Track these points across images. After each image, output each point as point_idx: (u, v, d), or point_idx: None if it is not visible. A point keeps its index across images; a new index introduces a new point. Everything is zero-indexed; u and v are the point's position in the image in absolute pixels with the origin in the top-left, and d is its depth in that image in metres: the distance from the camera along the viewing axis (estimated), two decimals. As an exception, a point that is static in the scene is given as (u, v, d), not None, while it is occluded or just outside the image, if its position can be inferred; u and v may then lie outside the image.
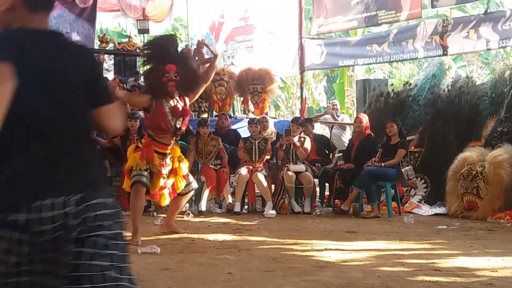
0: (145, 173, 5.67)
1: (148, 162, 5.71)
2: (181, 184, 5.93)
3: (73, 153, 1.86)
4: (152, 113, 5.77)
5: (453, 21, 9.81)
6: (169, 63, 5.68)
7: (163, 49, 5.81)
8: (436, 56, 10.11)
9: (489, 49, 10.08)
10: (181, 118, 5.82)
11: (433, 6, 10.11)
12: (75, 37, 13.81)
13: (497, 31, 9.08)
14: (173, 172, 5.87)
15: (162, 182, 5.78)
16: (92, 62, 2.06)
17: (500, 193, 7.42)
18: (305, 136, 8.68)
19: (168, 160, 5.82)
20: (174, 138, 5.84)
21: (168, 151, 5.82)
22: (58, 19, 13.69)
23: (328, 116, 10.94)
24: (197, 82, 5.95)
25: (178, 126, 5.78)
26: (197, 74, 6.08)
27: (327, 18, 11.35)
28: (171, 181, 5.87)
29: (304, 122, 9.04)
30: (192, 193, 6.44)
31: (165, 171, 5.80)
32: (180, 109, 5.78)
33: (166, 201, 5.96)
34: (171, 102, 5.76)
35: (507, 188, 7.40)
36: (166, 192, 5.87)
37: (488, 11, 10.13)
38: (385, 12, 10.40)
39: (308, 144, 8.54)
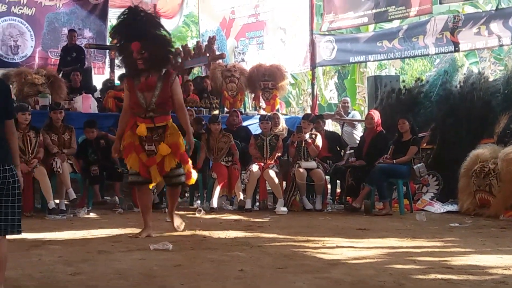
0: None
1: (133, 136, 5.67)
2: (170, 164, 5.69)
3: None
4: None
5: (464, 17, 9.75)
6: (134, 40, 5.47)
7: (126, 26, 5.62)
8: (448, 52, 10.07)
9: (501, 45, 10.02)
10: (155, 93, 5.59)
11: (440, 2, 10.04)
12: (87, 33, 13.89)
13: (508, 27, 9.02)
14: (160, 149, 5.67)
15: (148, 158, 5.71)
16: (4, 89, 3.38)
17: (513, 190, 7.36)
18: (316, 133, 8.66)
19: (156, 137, 5.66)
20: (150, 114, 5.60)
21: (153, 126, 5.64)
22: (71, 15, 13.78)
23: (356, 113, 10.95)
24: (167, 57, 5.71)
25: (153, 100, 5.57)
26: (166, 48, 5.71)
27: (337, 14, 11.33)
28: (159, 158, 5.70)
29: (315, 119, 9.02)
30: (179, 187, 6.18)
31: (150, 147, 5.69)
32: (150, 83, 5.57)
33: (158, 178, 5.82)
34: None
35: (520, 186, 7.34)
36: (155, 169, 5.73)
37: (500, 7, 10.05)
38: (395, 8, 10.37)
39: (319, 141, 8.52)
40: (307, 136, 8.44)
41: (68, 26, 13.28)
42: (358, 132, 11.13)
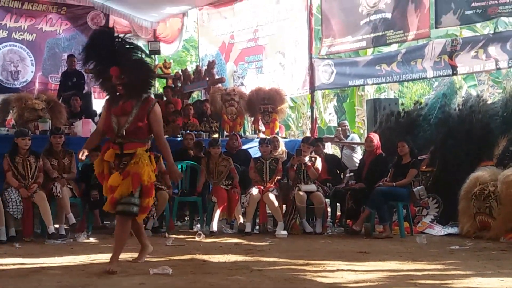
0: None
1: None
2: (121, 191, 5.13)
3: None
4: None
5: (462, 41, 9.81)
6: (112, 65, 5.13)
7: (102, 49, 5.25)
8: (446, 76, 10.11)
9: (498, 69, 10.06)
10: (129, 118, 5.19)
11: (436, 27, 10.12)
12: (87, 58, 13.95)
13: (506, 51, 9.07)
14: (123, 175, 5.17)
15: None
16: None
17: (513, 212, 7.35)
18: (316, 156, 8.68)
19: (122, 165, 5.22)
20: (119, 140, 5.21)
21: (120, 152, 5.21)
22: (71, 40, 13.89)
23: (355, 136, 10.98)
24: (147, 81, 5.35)
25: (125, 126, 5.16)
26: (146, 72, 5.38)
27: (336, 38, 11.42)
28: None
29: (315, 142, 9.05)
30: (129, 219, 5.30)
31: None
32: (125, 108, 5.21)
33: (107, 207, 5.34)
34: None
35: (520, 208, 7.33)
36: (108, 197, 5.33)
37: (497, 30, 10.12)
38: (393, 32, 10.45)
39: (319, 164, 8.53)
40: (306, 159, 8.45)
41: (69, 51, 13.37)
42: (358, 155, 11.15)
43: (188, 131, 10.06)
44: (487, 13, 9.25)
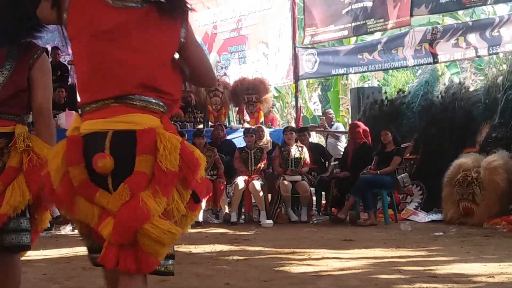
0: None
1: None
2: (5, 208, 2.73)
3: None
4: None
5: (442, 29, 9.85)
6: None
7: None
8: (427, 64, 10.15)
9: (478, 56, 10.12)
10: None
11: (411, 15, 10.13)
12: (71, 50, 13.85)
13: (485, 39, 9.12)
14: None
15: None
16: None
17: (495, 198, 7.43)
18: (302, 145, 8.72)
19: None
20: None
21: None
22: (54, 32, 13.64)
23: (340, 124, 11.05)
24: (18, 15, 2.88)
25: None
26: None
27: (318, 27, 11.41)
28: None
29: (295, 129, 9.16)
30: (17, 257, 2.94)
31: None
32: None
33: None
34: None
35: (502, 194, 7.41)
36: None
37: (474, 18, 10.16)
38: (374, 20, 10.45)
39: (306, 154, 8.62)
40: (293, 148, 8.51)
41: (52, 43, 13.23)
42: (342, 144, 11.18)
43: (172, 122, 10.02)
44: (462, 2, 9.30)
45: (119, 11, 2.21)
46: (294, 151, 8.56)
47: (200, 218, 8.10)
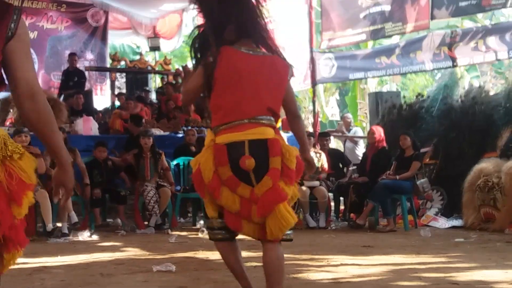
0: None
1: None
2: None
3: None
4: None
5: (461, 32, 9.76)
6: None
7: None
8: (446, 67, 10.06)
9: (498, 60, 10.00)
10: None
11: (432, 18, 10.06)
12: (89, 55, 13.99)
13: (505, 42, 9.01)
14: None
15: None
16: None
17: (517, 204, 7.33)
18: (320, 151, 8.68)
19: None
20: None
21: None
22: (72, 38, 13.87)
23: (358, 129, 10.99)
24: None
25: None
26: None
27: (336, 31, 11.37)
28: None
29: (312, 134, 9.14)
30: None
31: None
32: None
33: None
34: None
35: (524, 199, 7.31)
36: None
37: (494, 22, 10.06)
38: (392, 24, 10.39)
39: (324, 160, 8.57)
40: (312, 154, 8.46)
41: (70, 49, 13.35)
42: (360, 149, 11.13)
43: (190, 127, 10.04)
44: (481, 5, 9.20)
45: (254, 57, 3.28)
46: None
47: (218, 223, 8.06)
